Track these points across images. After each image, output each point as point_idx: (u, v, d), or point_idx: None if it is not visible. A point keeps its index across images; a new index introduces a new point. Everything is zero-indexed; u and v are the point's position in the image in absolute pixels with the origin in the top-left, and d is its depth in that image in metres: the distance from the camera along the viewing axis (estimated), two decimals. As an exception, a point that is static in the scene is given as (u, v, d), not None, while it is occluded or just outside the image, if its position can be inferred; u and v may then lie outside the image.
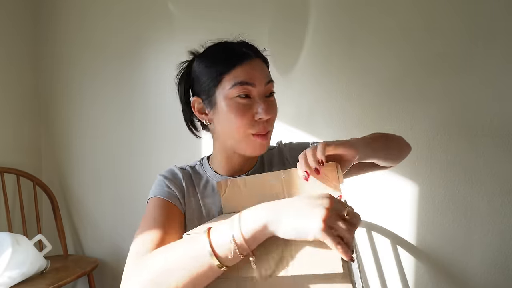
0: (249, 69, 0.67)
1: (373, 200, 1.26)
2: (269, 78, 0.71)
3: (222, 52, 0.71)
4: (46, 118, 1.87)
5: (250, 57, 0.69)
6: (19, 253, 1.32)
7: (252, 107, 0.68)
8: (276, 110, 0.73)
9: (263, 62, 0.72)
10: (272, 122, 0.71)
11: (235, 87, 0.67)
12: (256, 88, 0.68)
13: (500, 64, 1.10)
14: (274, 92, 0.72)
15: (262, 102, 0.68)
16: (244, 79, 0.67)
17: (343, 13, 1.28)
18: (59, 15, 1.80)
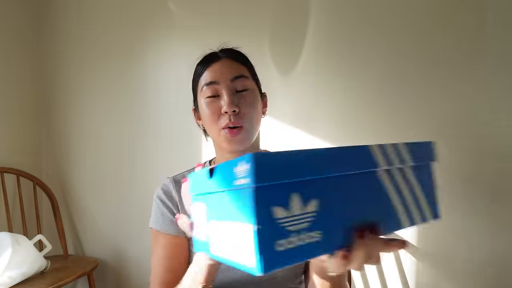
0: (215, 69, 0.73)
1: (373, 200, 1.26)
2: (237, 74, 0.73)
3: (200, 62, 0.77)
4: (46, 119, 1.87)
5: (218, 59, 0.74)
6: (19, 253, 1.32)
7: (220, 103, 0.71)
8: (251, 105, 0.73)
9: (234, 61, 0.75)
10: (243, 116, 0.71)
11: (204, 89, 0.73)
12: (221, 85, 0.71)
13: (500, 64, 1.10)
14: (247, 87, 0.73)
15: (227, 95, 0.70)
16: (209, 80, 0.72)
17: (343, 13, 1.28)
18: (59, 14, 1.80)
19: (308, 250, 0.34)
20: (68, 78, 1.80)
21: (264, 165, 0.33)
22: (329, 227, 0.36)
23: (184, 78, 1.54)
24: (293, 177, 0.34)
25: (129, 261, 1.71)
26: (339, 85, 1.30)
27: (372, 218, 0.41)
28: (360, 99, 1.27)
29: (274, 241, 0.32)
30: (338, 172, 0.38)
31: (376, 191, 0.42)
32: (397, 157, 0.44)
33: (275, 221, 0.33)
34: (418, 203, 0.46)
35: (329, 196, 0.37)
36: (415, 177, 0.46)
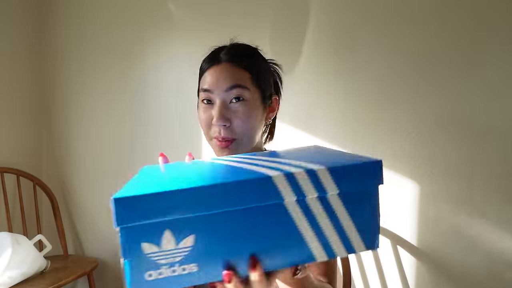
0: (212, 75, 0.69)
1: (373, 200, 1.26)
2: (233, 83, 0.67)
3: (206, 58, 0.74)
4: (46, 119, 1.87)
5: (218, 62, 0.70)
6: (19, 253, 1.32)
7: (212, 112, 0.69)
8: (243, 119, 0.68)
9: (235, 67, 0.69)
10: (235, 129, 0.68)
11: (200, 93, 0.71)
12: (214, 94, 0.68)
13: (501, 64, 1.10)
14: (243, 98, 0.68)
15: (217, 108, 0.67)
16: (205, 86, 0.69)
17: (344, 13, 1.28)
18: (59, 15, 1.80)
19: (182, 279, 0.36)
20: (69, 78, 1.80)
21: (125, 209, 0.36)
22: (208, 261, 0.37)
23: (185, 78, 1.54)
24: (161, 216, 0.35)
25: (129, 261, 1.71)
26: (340, 85, 1.30)
27: (264, 250, 0.38)
28: (361, 99, 1.27)
29: (143, 272, 0.35)
30: (220, 209, 0.36)
31: (278, 223, 0.38)
32: (315, 186, 0.38)
33: (144, 255, 0.35)
34: (344, 233, 0.40)
35: (209, 231, 0.36)
36: (344, 205, 0.40)
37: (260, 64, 0.74)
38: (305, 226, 0.39)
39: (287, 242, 0.39)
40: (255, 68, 0.71)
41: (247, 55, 0.72)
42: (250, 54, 0.73)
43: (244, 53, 0.72)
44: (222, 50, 0.72)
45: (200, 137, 1.53)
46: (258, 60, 0.74)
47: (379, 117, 1.25)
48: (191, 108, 1.54)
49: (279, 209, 0.38)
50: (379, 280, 1.26)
